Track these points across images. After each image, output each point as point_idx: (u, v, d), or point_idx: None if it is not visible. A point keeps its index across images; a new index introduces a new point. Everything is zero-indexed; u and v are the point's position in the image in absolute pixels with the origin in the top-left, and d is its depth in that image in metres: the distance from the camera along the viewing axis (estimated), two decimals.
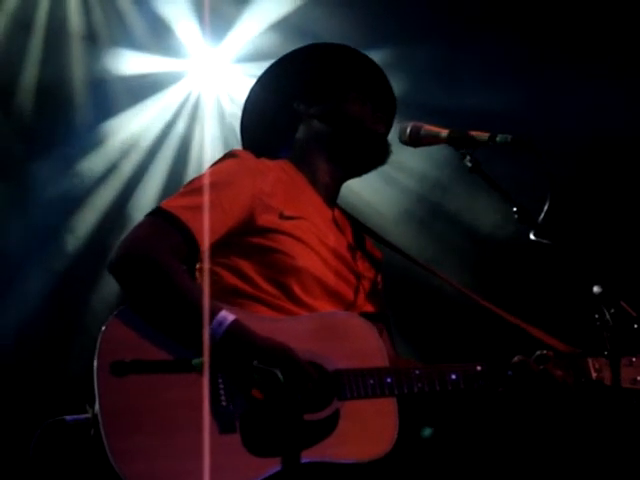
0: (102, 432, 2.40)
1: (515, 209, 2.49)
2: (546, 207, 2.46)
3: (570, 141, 4.73)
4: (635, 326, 2.38)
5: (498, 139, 2.58)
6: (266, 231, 2.73)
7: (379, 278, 3.05)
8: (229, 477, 2.45)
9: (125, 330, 2.51)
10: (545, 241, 2.44)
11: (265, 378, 2.49)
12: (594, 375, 2.78)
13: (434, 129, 2.72)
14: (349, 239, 2.98)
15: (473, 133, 2.62)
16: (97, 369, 2.45)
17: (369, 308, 2.93)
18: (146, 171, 5.59)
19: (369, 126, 2.96)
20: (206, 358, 2.47)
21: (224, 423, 2.48)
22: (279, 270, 2.72)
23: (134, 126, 5.54)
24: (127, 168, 5.58)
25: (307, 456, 2.50)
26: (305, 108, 3.00)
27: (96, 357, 2.46)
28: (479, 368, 2.74)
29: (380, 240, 3.09)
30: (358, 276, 2.92)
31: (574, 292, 2.56)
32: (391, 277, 3.19)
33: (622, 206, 4.68)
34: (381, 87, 3.10)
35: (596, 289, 2.35)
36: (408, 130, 2.76)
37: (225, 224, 2.70)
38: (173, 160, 5.57)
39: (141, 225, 2.67)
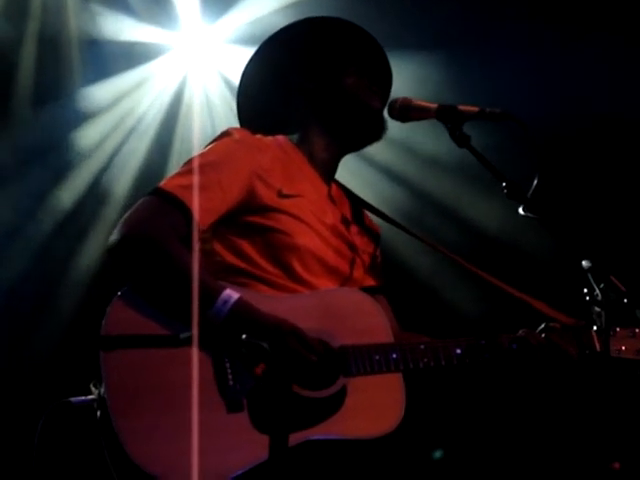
0: (110, 412, 2.40)
1: (504, 184, 2.47)
2: (535, 182, 2.45)
3: (563, 119, 4.71)
4: (625, 300, 2.37)
5: (487, 112, 2.57)
6: (265, 210, 2.73)
7: (378, 252, 3.06)
8: (239, 456, 2.45)
9: (128, 310, 2.51)
10: (534, 216, 2.43)
11: (253, 352, 2.49)
12: (599, 347, 2.75)
13: (423, 103, 2.71)
14: (346, 214, 2.98)
15: (462, 107, 2.60)
16: (99, 350, 2.46)
17: (369, 282, 2.94)
18: (128, 143, 5.51)
19: (365, 100, 2.94)
20: (195, 331, 2.47)
21: (231, 402, 2.49)
22: (279, 249, 2.72)
23: (118, 95, 5.45)
24: (110, 139, 5.49)
25: (314, 433, 2.53)
26: (302, 82, 2.98)
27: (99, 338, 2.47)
28: (484, 342, 2.74)
29: (378, 214, 3.09)
30: (357, 251, 2.92)
31: (563, 267, 2.56)
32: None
33: (612, 182, 4.67)
34: (378, 61, 3.08)
35: (585, 264, 2.34)
36: (397, 105, 2.75)
37: (225, 203, 2.69)
38: (156, 135, 5.49)
39: (141, 205, 2.64)
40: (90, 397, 2.52)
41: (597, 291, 2.35)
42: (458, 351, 2.71)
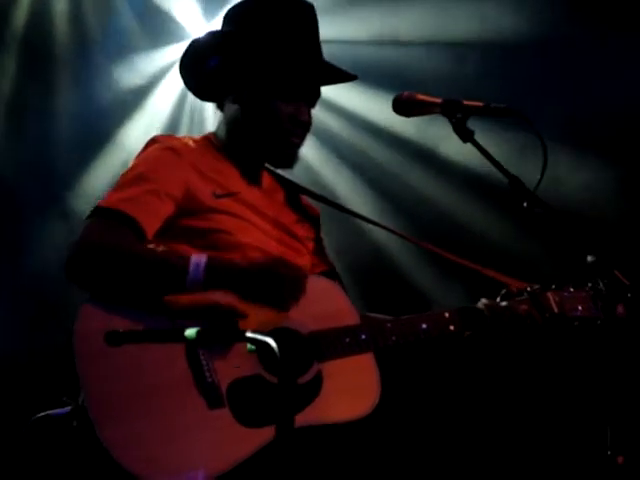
0: (93, 420, 2.36)
1: (508, 179, 2.48)
2: (540, 176, 2.46)
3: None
4: (629, 295, 2.38)
5: (492, 107, 2.57)
6: (203, 211, 2.70)
7: (321, 235, 3.05)
8: (225, 452, 2.43)
9: (99, 315, 2.47)
10: (538, 210, 2.44)
11: (260, 348, 2.49)
12: (556, 309, 2.83)
13: (428, 98, 2.70)
14: (283, 204, 2.95)
15: (467, 102, 2.60)
16: (77, 359, 2.40)
17: (318, 269, 2.95)
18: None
19: (285, 135, 2.82)
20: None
21: (212, 398, 2.47)
22: (222, 248, 2.68)
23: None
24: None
25: (297, 422, 2.51)
26: (238, 83, 2.83)
27: (73, 348, 2.41)
28: (447, 315, 2.79)
29: (315, 197, 3.06)
30: (300, 240, 2.91)
31: (567, 262, 2.56)
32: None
33: (617, 177, 4.66)
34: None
35: (590, 258, 2.36)
36: (402, 99, 2.74)
37: (165, 210, 2.65)
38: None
39: (87, 227, 2.61)
40: (67, 409, 2.46)
41: (601, 286, 2.36)
42: (424, 326, 2.75)
